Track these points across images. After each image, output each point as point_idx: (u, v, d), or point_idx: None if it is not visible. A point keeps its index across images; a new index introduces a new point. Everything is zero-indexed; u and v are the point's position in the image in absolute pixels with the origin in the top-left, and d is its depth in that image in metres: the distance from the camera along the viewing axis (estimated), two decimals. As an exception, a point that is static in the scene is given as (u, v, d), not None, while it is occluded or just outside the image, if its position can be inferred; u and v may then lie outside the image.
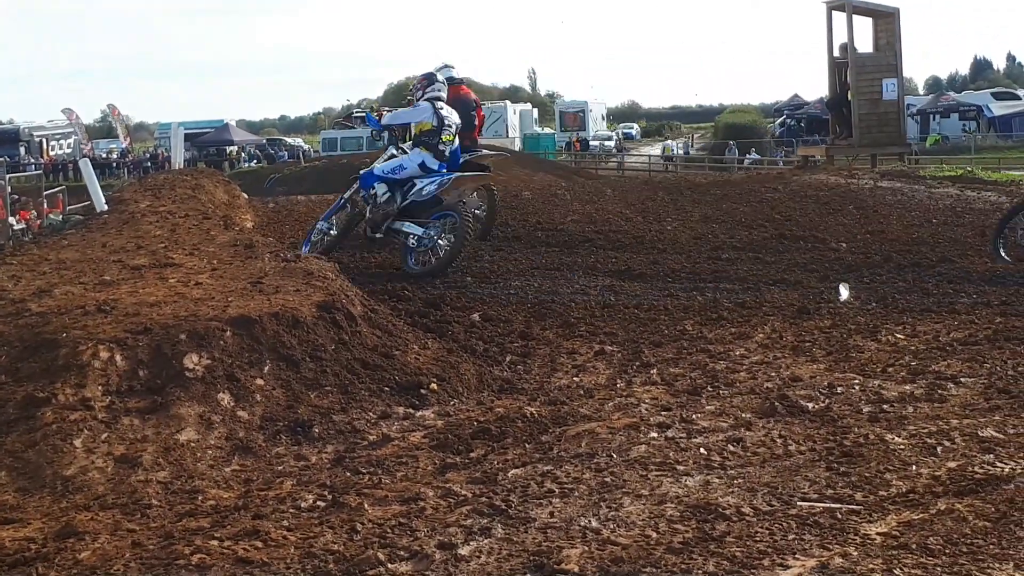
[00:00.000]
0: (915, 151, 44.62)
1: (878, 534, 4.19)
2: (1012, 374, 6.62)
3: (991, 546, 4.01)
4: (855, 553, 4.01)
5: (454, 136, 11.38)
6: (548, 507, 4.68)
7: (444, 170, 11.26)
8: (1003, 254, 11.20)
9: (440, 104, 11.36)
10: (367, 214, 11.36)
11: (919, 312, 8.60)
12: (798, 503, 4.57)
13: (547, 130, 71.48)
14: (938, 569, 3.84)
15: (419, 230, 10.85)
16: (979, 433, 5.43)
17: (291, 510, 4.90)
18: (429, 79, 11.75)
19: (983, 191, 17.85)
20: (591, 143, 68.23)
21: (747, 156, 52.56)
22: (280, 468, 5.60)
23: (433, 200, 11.11)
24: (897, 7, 23.48)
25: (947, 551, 3.99)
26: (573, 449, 5.55)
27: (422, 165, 11.21)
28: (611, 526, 4.42)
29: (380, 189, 11.21)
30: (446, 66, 13.21)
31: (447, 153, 11.33)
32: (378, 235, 11.28)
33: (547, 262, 11.55)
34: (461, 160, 11.67)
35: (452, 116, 11.39)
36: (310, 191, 25.19)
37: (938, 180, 19.34)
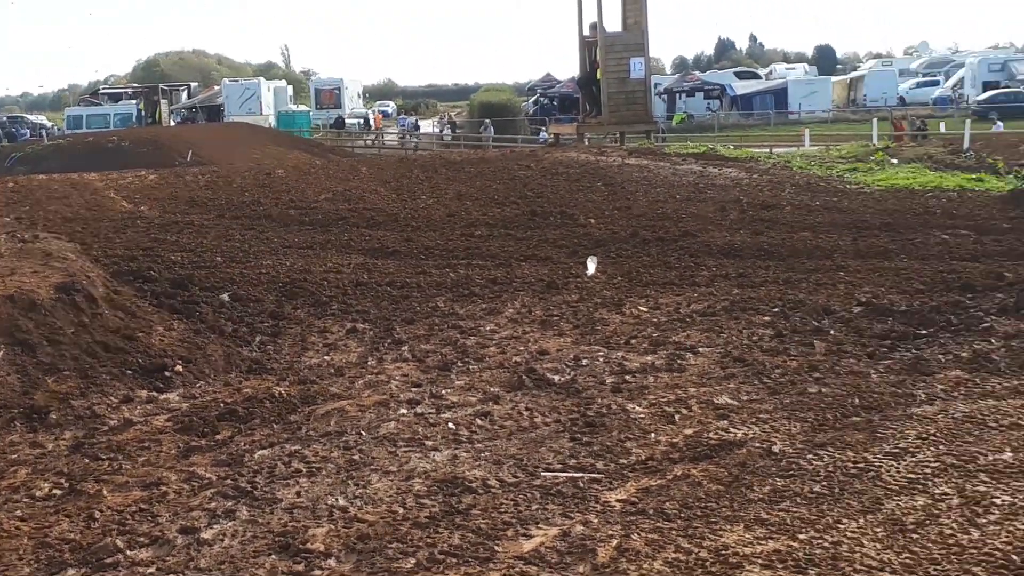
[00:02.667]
0: (662, 129, 46.04)
1: (618, 501, 4.32)
2: (747, 343, 6.92)
3: (723, 509, 4.19)
4: (595, 520, 4.13)
5: None
6: (295, 487, 4.64)
7: None
8: None
9: None
10: None
11: (662, 285, 8.88)
12: (542, 474, 4.67)
13: (302, 107, 70.49)
14: (673, 532, 3.98)
15: None
16: (715, 400, 5.67)
17: (25, 499, 4.71)
18: None
19: (724, 167, 18.60)
20: (347, 120, 67.71)
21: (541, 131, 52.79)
22: (14, 457, 5.35)
23: None
24: (645, -12, 24.19)
25: (682, 515, 4.15)
26: (322, 428, 5.52)
27: None
28: (358, 504, 4.41)
29: None
30: None
31: None
32: None
33: (300, 240, 11.42)
34: None
35: None
36: (54, 170, 24.21)
37: (682, 157, 20.04)
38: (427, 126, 69.35)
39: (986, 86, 68.22)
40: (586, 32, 24.14)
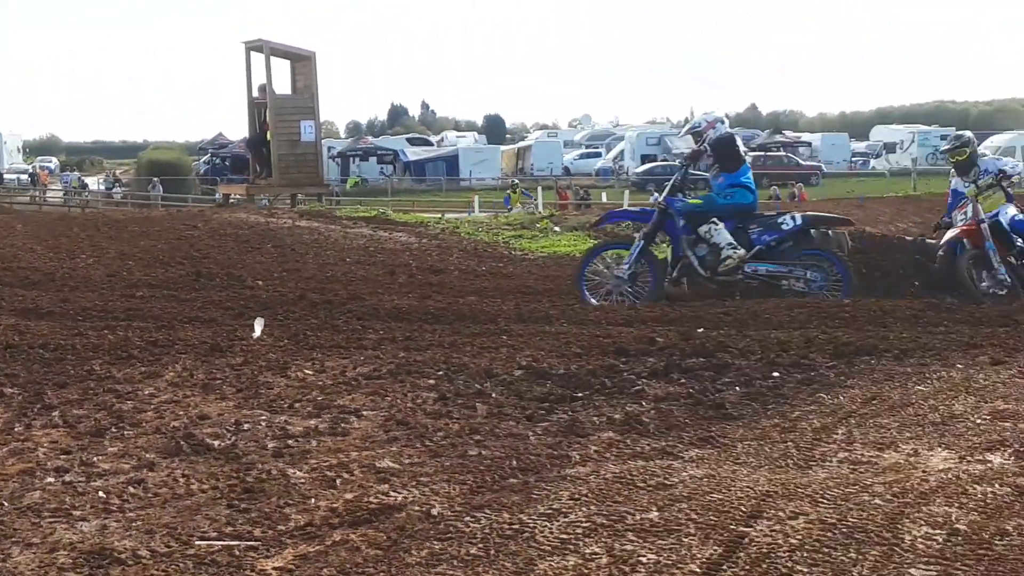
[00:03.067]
0: (336, 192, 46.15)
1: (274, 569, 4.23)
2: (411, 406, 6.96)
3: (381, 574, 4.17)
4: (250, 589, 4.03)
5: None
6: (-77, 565, 4.30)
7: None
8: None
9: None
10: None
11: (329, 348, 8.83)
12: (196, 542, 4.52)
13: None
14: (330, 599, 3.93)
15: None
16: (377, 464, 5.65)
17: None
18: None
19: (395, 231, 18.83)
20: (6, 176, 64.48)
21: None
22: None
23: None
24: (314, 51, 24.22)
25: (337, 581, 4.10)
26: (-43, 501, 5.14)
27: None
28: (-6, 580, 4.14)
29: None
30: None
31: None
32: None
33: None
34: None
35: None
36: None
37: (353, 220, 20.14)
38: (93, 183, 66.80)
39: (644, 159, 72.26)
40: (255, 93, 23.91)
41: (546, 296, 12.03)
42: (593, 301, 11.74)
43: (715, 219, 12.01)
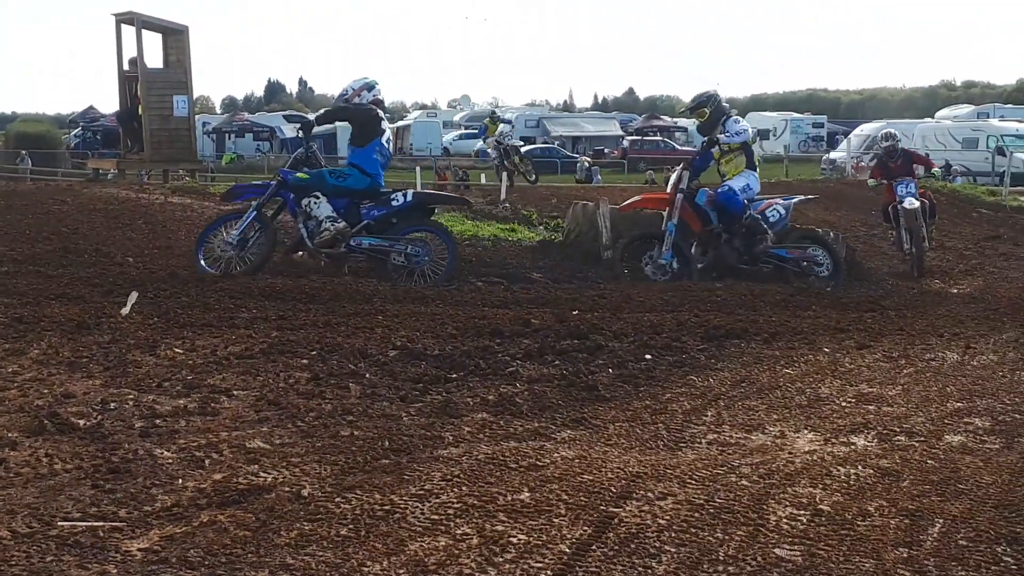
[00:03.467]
0: (211, 168, 45.36)
1: (139, 550, 4.15)
2: (283, 386, 6.88)
3: (249, 555, 4.12)
4: (114, 570, 3.94)
5: None
6: None
7: None
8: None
9: None
10: None
11: (200, 327, 8.68)
12: (60, 523, 4.41)
13: None
14: (196, 581, 3.88)
15: None
16: (247, 444, 5.58)
17: None
18: None
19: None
20: None
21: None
22: None
23: None
24: (187, 25, 23.72)
25: (207, 562, 4.04)
26: None
27: None
28: None
29: None
30: None
31: None
32: None
33: None
34: None
35: None
36: None
37: (228, 198, 19.77)
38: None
39: (523, 140, 72.42)
40: (126, 67, 23.36)
41: (422, 277, 11.99)
42: (210, 270, 11.67)
43: (317, 193, 12.04)
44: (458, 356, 7.79)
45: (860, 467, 5.36)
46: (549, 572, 4.00)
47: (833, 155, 52.50)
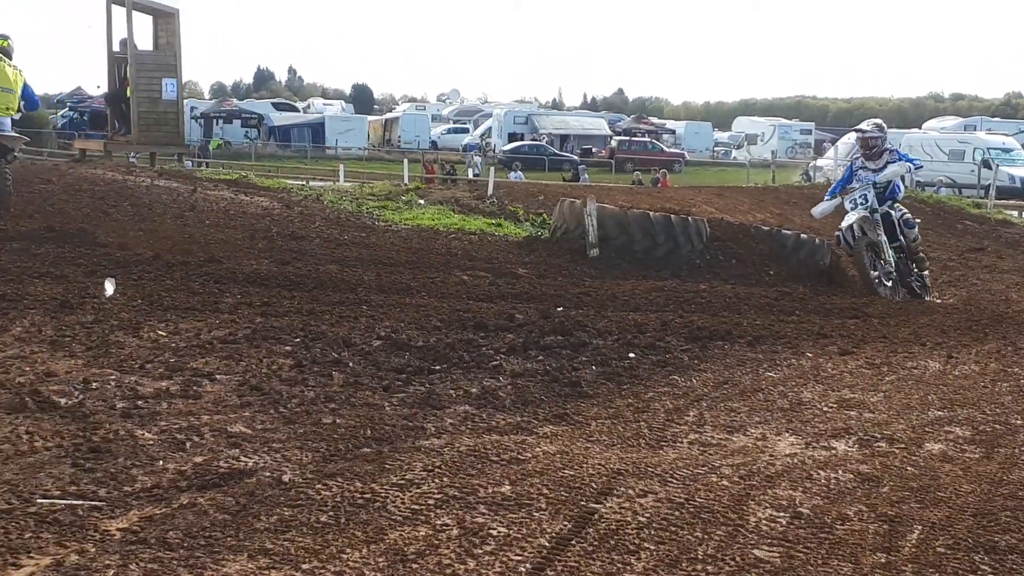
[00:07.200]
0: (197, 153, 45.27)
1: (118, 530, 4.14)
2: (266, 372, 6.87)
3: (228, 538, 4.11)
4: (93, 550, 3.93)
5: None
6: None
7: None
8: None
9: None
10: None
11: (184, 310, 8.65)
12: (38, 501, 4.40)
13: None
14: (175, 562, 3.86)
15: None
16: (228, 429, 5.57)
17: None
18: None
19: (257, 196, 18.54)
20: None
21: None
22: None
23: None
24: (178, 8, 23.74)
25: (185, 544, 4.03)
26: None
27: None
28: None
29: None
30: None
31: None
32: None
33: None
34: None
35: None
36: None
37: (215, 183, 19.77)
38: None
39: (511, 137, 72.50)
40: (116, 48, 23.29)
41: (408, 268, 11.98)
42: None
43: None
44: (442, 348, 7.78)
45: (840, 471, 5.37)
46: (528, 565, 4.00)
47: (820, 162, 52.76)
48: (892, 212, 13.45)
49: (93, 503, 4.41)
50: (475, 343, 8.03)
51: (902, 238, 13.47)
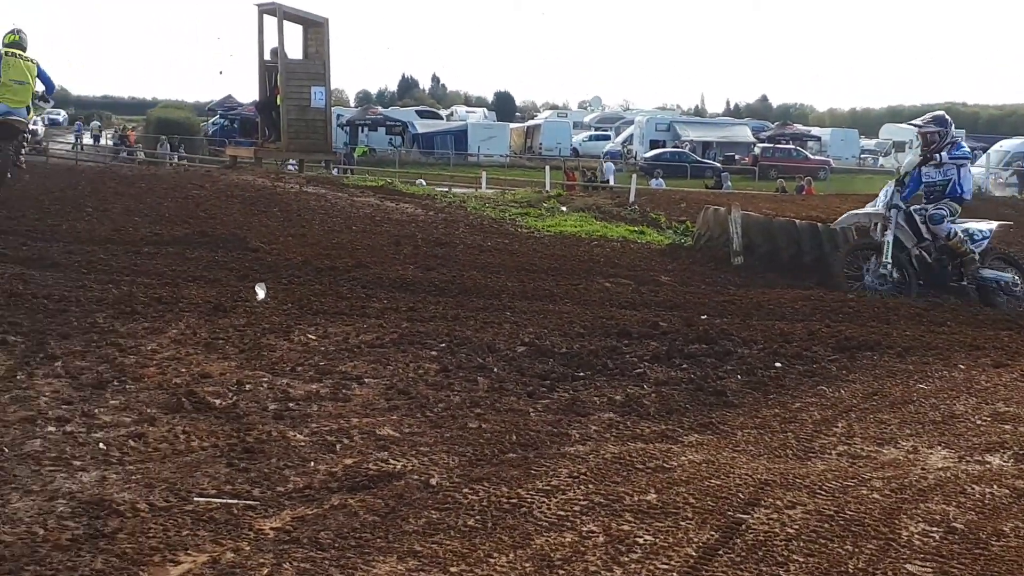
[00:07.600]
0: (343, 160, 46.07)
1: (272, 529, 4.24)
2: (412, 376, 6.96)
3: (378, 540, 4.18)
4: (247, 548, 4.03)
5: None
6: (-77, 506, 4.30)
7: None
8: None
9: None
10: None
11: (332, 315, 8.82)
12: (195, 499, 4.53)
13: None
14: (326, 562, 3.94)
15: None
16: (377, 432, 5.66)
17: None
18: None
19: (402, 202, 18.79)
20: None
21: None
22: None
23: None
24: (327, 17, 24.17)
25: (336, 544, 4.11)
26: (-42, 444, 5.15)
27: None
28: (-6, 524, 4.14)
29: None
30: None
31: None
32: None
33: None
34: None
35: None
36: None
37: (361, 189, 20.10)
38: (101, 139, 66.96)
39: (653, 144, 72.04)
40: (267, 57, 23.86)
41: (550, 275, 12.01)
42: None
43: None
44: (585, 355, 7.78)
45: (995, 486, 5.21)
46: (675, 574, 3.98)
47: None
48: (914, 214, 12.76)
49: (247, 502, 4.53)
50: (619, 350, 8.01)
51: (929, 237, 12.79)
